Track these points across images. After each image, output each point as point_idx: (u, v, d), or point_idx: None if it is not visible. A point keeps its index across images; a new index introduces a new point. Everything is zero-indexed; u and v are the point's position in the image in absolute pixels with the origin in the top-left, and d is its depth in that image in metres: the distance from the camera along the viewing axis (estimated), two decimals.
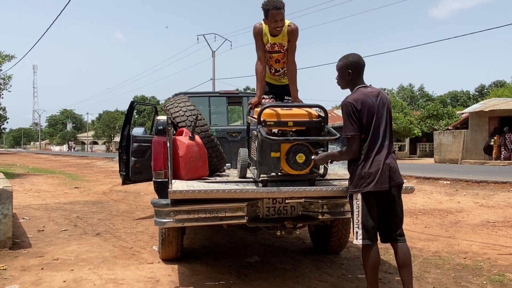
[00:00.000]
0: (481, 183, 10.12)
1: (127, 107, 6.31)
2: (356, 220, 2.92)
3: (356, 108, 2.86)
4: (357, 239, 2.91)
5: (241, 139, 5.37)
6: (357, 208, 2.91)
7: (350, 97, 2.94)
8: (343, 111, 2.92)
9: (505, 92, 33.83)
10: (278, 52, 3.95)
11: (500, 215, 6.94)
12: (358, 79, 3.02)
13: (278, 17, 3.70)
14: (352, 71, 2.99)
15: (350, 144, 2.90)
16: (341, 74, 3.06)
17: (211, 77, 33.52)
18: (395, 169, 2.94)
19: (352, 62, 3.01)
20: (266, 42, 3.91)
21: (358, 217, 2.90)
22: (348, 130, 2.88)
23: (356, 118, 2.86)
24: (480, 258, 4.47)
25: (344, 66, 3.02)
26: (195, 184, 3.32)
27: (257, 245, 5.02)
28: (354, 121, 2.86)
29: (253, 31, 3.91)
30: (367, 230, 2.88)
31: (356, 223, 2.92)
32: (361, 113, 2.87)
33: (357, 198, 2.91)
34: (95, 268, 4.09)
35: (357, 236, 2.91)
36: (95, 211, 7.58)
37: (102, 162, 28.20)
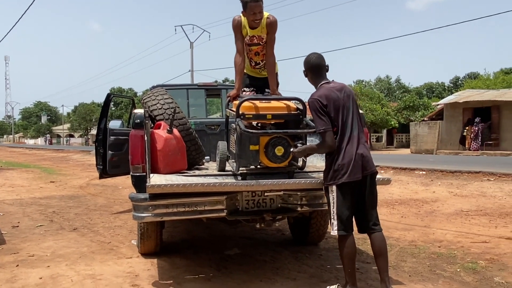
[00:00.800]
0: (455, 173, 10.37)
1: (104, 99, 6.19)
2: (332, 211, 2.99)
3: (322, 103, 2.95)
4: (333, 230, 2.99)
5: (220, 132, 5.34)
6: (332, 199, 2.98)
7: (314, 94, 3.04)
8: (311, 108, 3.00)
9: (478, 84, 34.63)
10: (257, 44, 3.93)
11: (473, 204, 7.15)
12: (318, 78, 3.14)
13: (257, 10, 3.68)
14: (306, 70, 3.17)
15: (324, 138, 2.96)
16: (306, 76, 3.23)
17: (190, 69, 33.21)
18: (368, 158, 3.01)
19: (304, 62, 3.19)
20: (245, 35, 3.89)
21: (333, 208, 2.97)
22: (320, 125, 2.95)
23: (324, 113, 2.94)
24: (454, 247, 4.60)
25: (304, 68, 3.20)
26: (173, 178, 3.29)
27: (237, 238, 5.03)
28: (323, 116, 2.94)
29: (232, 23, 3.88)
30: (342, 221, 2.95)
31: (332, 214, 2.99)
32: (328, 108, 2.96)
33: (332, 190, 2.98)
34: (72, 264, 4.03)
35: (333, 227, 2.99)
36: (71, 206, 7.45)
37: (78, 155, 27.69)
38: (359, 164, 2.95)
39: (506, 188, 8.41)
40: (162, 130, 3.56)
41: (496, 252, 4.35)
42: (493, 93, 22.68)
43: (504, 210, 6.50)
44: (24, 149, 45.12)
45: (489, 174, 9.73)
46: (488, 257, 4.17)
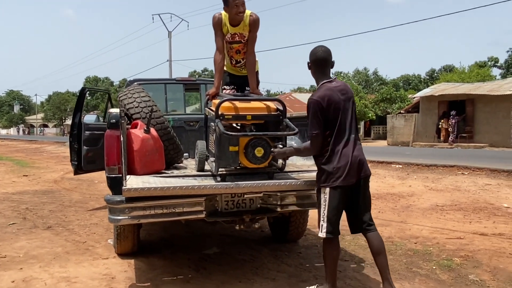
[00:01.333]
0: (431, 166, 10.57)
1: (78, 91, 6.01)
2: (322, 213, 2.96)
3: (322, 105, 2.89)
4: (321, 232, 2.96)
5: (199, 128, 5.27)
6: (324, 202, 2.94)
7: (315, 95, 2.96)
8: (309, 109, 2.93)
9: (453, 77, 35.34)
10: (238, 42, 3.86)
11: (448, 198, 7.30)
12: (321, 74, 3.05)
13: (239, 2, 3.60)
14: (310, 62, 3.05)
15: (314, 142, 2.93)
16: (309, 68, 3.12)
17: (168, 59, 32.73)
18: (363, 161, 3.00)
19: (310, 54, 3.06)
20: (226, 33, 3.80)
21: (324, 210, 2.94)
22: (314, 128, 2.91)
23: (321, 116, 2.89)
24: (430, 243, 4.68)
25: (309, 60, 3.08)
26: (151, 179, 3.22)
27: (216, 236, 5.00)
28: (319, 120, 2.89)
29: (212, 20, 3.78)
30: (331, 224, 2.93)
31: (322, 216, 2.96)
32: (327, 110, 2.90)
33: (325, 193, 2.94)
34: (46, 266, 3.92)
35: (322, 228, 2.96)
36: (45, 202, 7.26)
37: (52, 147, 27.06)
38: (354, 167, 2.92)
39: (480, 182, 8.63)
40: (139, 129, 3.47)
41: (470, 248, 4.45)
42: (468, 87, 23.19)
43: (478, 205, 6.66)
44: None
45: (463, 168, 9.96)
46: (463, 254, 4.26)
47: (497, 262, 4.02)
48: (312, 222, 5.42)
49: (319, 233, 2.99)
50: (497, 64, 52.24)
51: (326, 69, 3.06)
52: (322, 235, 2.96)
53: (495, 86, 21.76)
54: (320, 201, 2.99)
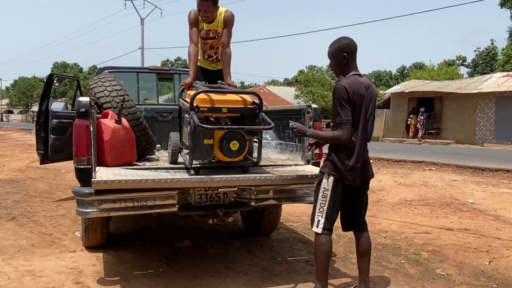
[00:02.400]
0: (400, 162, 10.82)
1: (46, 77, 5.78)
2: (320, 208, 2.87)
3: (348, 94, 2.75)
4: (317, 227, 2.88)
5: (172, 120, 5.17)
6: (325, 196, 2.85)
7: (344, 82, 2.81)
8: (336, 95, 2.77)
9: (423, 75, 36.20)
10: (213, 38, 3.99)
11: (416, 193, 7.48)
12: (352, 64, 2.90)
13: (202, 8, 3.72)
14: (348, 54, 2.87)
15: (346, 129, 2.76)
16: (335, 60, 2.93)
17: (140, 46, 32.05)
18: (369, 164, 3.00)
19: (346, 44, 2.88)
20: (201, 28, 3.89)
21: (324, 205, 2.86)
22: (345, 115, 2.75)
23: (348, 104, 2.75)
24: (399, 237, 4.78)
25: (338, 49, 2.89)
26: (122, 171, 3.12)
27: (188, 228, 4.93)
28: (346, 107, 2.75)
29: (188, 16, 3.86)
30: (329, 221, 2.87)
31: (320, 211, 2.87)
32: (352, 102, 2.77)
33: (327, 187, 2.84)
34: (10, 259, 3.76)
35: (318, 224, 2.88)
36: (9, 192, 6.98)
37: (18, 134, 26.11)
38: (365, 169, 2.91)
39: (447, 178, 8.88)
40: (109, 119, 3.35)
41: (437, 243, 4.56)
42: (437, 84, 23.82)
43: (444, 200, 6.85)
44: None
45: (431, 164, 10.23)
46: (430, 248, 4.36)
47: (463, 256, 4.14)
48: (285, 216, 5.44)
49: (314, 228, 2.90)
50: (465, 63, 53.94)
51: (355, 58, 2.93)
52: (318, 231, 2.87)
53: (462, 84, 22.45)
54: (319, 193, 2.88)
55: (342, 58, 2.88)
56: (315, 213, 2.90)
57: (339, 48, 2.88)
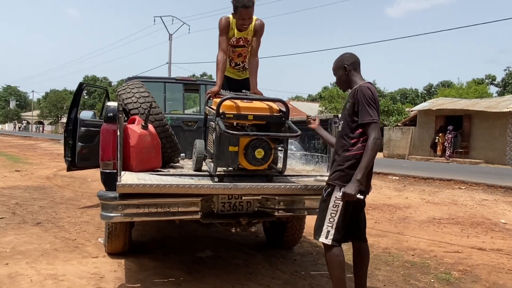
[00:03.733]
0: (428, 179, 10.52)
1: (76, 88, 5.91)
2: (331, 218, 2.77)
3: (374, 95, 2.71)
4: (326, 238, 2.77)
5: (197, 129, 5.18)
6: (336, 206, 2.75)
7: (366, 84, 2.76)
8: (362, 95, 2.69)
9: (451, 93, 35.47)
10: (242, 46, 3.95)
11: (445, 212, 7.22)
12: (357, 75, 2.87)
13: (246, 16, 3.68)
14: (348, 65, 2.86)
15: (376, 130, 2.65)
16: (338, 73, 2.92)
17: (168, 61, 32.66)
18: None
19: (346, 57, 2.90)
20: (232, 36, 3.86)
21: (334, 216, 2.75)
22: (372, 114, 2.65)
23: (375, 104, 2.69)
24: (428, 256, 4.59)
25: (339, 62, 2.91)
26: (146, 176, 3.11)
27: (210, 239, 4.88)
28: (374, 106, 2.68)
29: (219, 23, 3.82)
30: (339, 232, 2.77)
31: (331, 222, 2.77)
32: (376, 103, 2.71)
33: (338, 197, 2.73)
34: (33, 262, 3.79)
35: (327, 235, 2.77)
36: (36, 198, 7.11)
37: (47, 143, 26.83)
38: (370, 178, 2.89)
39: (477, 197, 8.57)
40: (136, 125, 3.37)
41: (468, 263, 4.36)
42: (466, 102, 23.25)
43: (475, 219, 6.59)
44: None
45: (460, 183, 9.91)
46: (461, 268, 4.17)
47: (496, 277, 3.93)
48: (308, 230, 5.32)
49: (322, 239, 2.78)
50: (494, 82, 52.58)
51: (359, 70, 2.91)
52: (327, 242, 2.76)
53: (492, 103, 21.83)
54: (330, 203, 2.77)
55: (343, 70, 2.88)
56: (324, 223, 2.78)
57: (340, 61, 2.91)
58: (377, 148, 2.68)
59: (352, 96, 2.77)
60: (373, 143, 2.65)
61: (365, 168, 2.68)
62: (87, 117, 5.46)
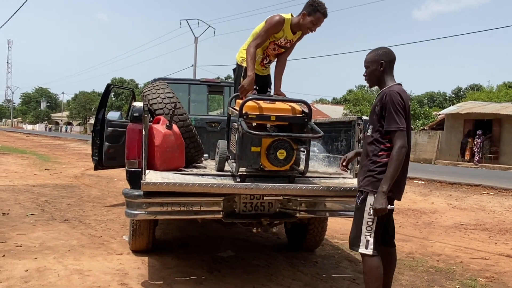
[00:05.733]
0: (455, 184, 10.28)
1: (104, 89, 6.06)
2: (368, 227, 2.62)
3: (403, 101, 2.58)
4: (367, 249, 2.61)
5: (221, 130, 5.23)
6: (372, 214, 2.61)
7: (396, 88, 2.63)
8: (390, 101, 2.57)
9: (481, 96, 34.54)
10: (285, 47, 3.85)
11: (472, 218, 7.04)
12: (389, 74, 2.74)
13: (320, 23, 3.58)
14: (385, 62, 2.71)
15: (402, 139, 2.53)
16: (372, 66, 2.76)
17: (193, 64, 33.04)
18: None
19: (385, 52, 2.74)
20: (281, 37, 3.72)
21: (372, 224, 2.61)
22: (399, 122, 2.53)
23: (403, 112, 2.57)
24: (453, 262, 4.49)
25: (376, 55, 2.75)
26: (170, 175, 3.17)
27: (231, 239, 4.92)
28: (402, 114, 2.56)
29: (271, 20, 3.63)
30: (377, 240, 2.64)
31: (368, 230, 2.62)
32: (405, 109, 2.59)
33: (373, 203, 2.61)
34: (61, 257, 3.91)
35: (367, 245, 2.61)
36: (64, 196, 7.32)
37: (75, 144, 27.55)
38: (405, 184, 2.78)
39: (506, 203, 8.31)
40: (161, 125, 3.43)
41: (496, 270, 4.24)
42: (495, 106, 22.61)
43: (504, 226, 6.40)
44: (21, 134, 44.92)
45: (489, 188, 9.64)
46: (488, 275, 4.06)
47: None
48: (330, 232, 5.29)
49: (362, 250, 2.62)
50: None
51: (393, 68, 2.77)
52: (369, 252, 2.60)
53: None
54: (364, 211, 2.63)
55: (379, 66, 2.73)
56: (362, 232, 2.63)
57: (378, 55, 2.75)
58: (402, 157, 2.56)
59: (380, 99, 2.65)
60: (397, 152, 2.53)
61: (391, 179, 2.54)
62: (114, 118, 5.59)
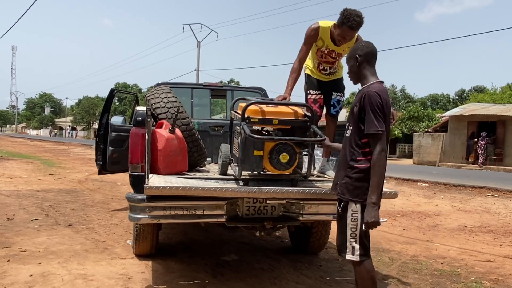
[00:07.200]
0: (459, 187, 10.23)
1: (107, 94, 6.09)
2: (353, 234, 2.55)
3: (382, 102, 2.46)
4: (353, 255, 2.56)
5: (224, 134, 5.23)
6: (355, 220, 2.54)
7: (376, 88, 2.50)
8: (369, 102, 2.45)
9: (485, 98, 34.43)
10: (333, 58, 3.84)
11: (477, 220, 7.01)
12: (370, 70, 2.61)
13: (348, 36, 3.53)
14: (361, 57, 2.59)
15: (382, 142, 2.43)
16: (350, 63, 2.68)
17: (196, 68, 33.16)
18: None
19: (362, 46, 2.63)
20: (321, 46, 3.75)
21: (355, 230, 2.54)
22: (381, 125, 2.41)
23: (382, 113, 2.45)
24: (458, 264, 4.47)
25: (351, 52, 2.66)
26: (173, 179, 3.18)
27: (235, 243, 4.91)
28: (381, 116, 2.44)
29: (307, 31, 3.69)
30: (364, 245, 2.57)
31: (353, 237, 2.55)
32: (384, 111, 2.47)
33: (355, 210, 2.54)
34: (65, 262, 3.92)
35: (353, 251, 2.56)
36: (68, 201, 7.34)
37: (79, 148, 27.64)
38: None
39: (511, 205, 8.27)
40: (164, 129, 3.45)
41: (501, 272, 4.22)
42: (499, 108, 22.52)
43: (509, 228, 6.37)
44: (25, 139, 45.13)
45: (493, 190, 9.59)
46: (493, 278, 4.04)
47: None
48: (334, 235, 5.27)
49: (349, 256, 2.56)
50: None
51: (374, 64, 2.64)
52: (356, 258, 2.55)
53: None
54: (347, 218, 2.56)
55: (355, 61, 2.62)
56: (347, 239, 2.57)
57: (353, 50, 2.66)
58: (384, 162, 2.49)
59: (359, 100, 2.53)
60: (379, 158, 2.44)
61: (378, 187, 2.46)
62: (117, 122, 5.61)
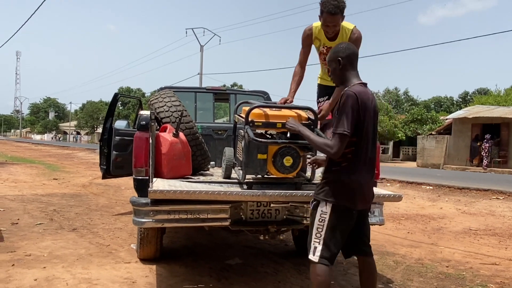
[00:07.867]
0: (463, 189, 10.19)
1: (111, 98, 6.12)
2: (318, 234, 2.51)
3: (358, 104, 2.42)
4: (313, 255, 2.51)
5: (227, 137, 5.24)
6: (322, 221, 2.49)
7: (354, 89, 2.47)
8: (345, 103, 2.42)
9: (488, 100, 34.31)
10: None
11: (482, 223, 6.97)
12: (351, 72, 2.58)
13: (330, 23, 3.38)
14: (343, 59, 2.56)
15: (341, 143, 2.40)
16: (331, 65, 2.65)
17: (199, 72, 33.25)
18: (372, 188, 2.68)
19: (343, 48, 2.60)
20: (319, 46, 3.67)
21: (321, 231, 2.50)
22: (346, 126, 2.38)
23: (355, 115, 2.41)
24: (463, 267, 4.44)
25: (332, 55, 2.62)
26: (177, 183, 3.19)
27: (239, 246, 4.90)
28: (353, 118, 2.40)
29: (302, 34, 3.68)
30: (328, 249, 2.49)
31: (318, 237, 2.51)
32: (359, 113, 2.43)
33: (325, 210, 2.49)
34: (69, 266, 3.92)
35: (314, 251, 2.51)
36: (73, 205, 7.36)
37: (83, 153, 27.73)
38: (370, 193, 2.61)
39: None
40: (168, 133, 3.46)
41: (506, 275, 4.19)
42: (503, 110, 22.43)
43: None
44: (30, 144, 45.34)
45: (498, 193, 9.54)
46: (499, 281, 4.01)
47: None
48: None
49: (310, 256, 2.53)
50: None
51: (355, 66, 2.61)
52: (314, 259, 2.50)
53: None
54: (315, 218, 2.53)
55: (337, 64, 2.59)
56: (311, 239, 2.54)
57: (334, 52, 2.62)
58: (323, 151, 2.49)
59: (340, 101, 2.51)
60: (326, 144, 2.45)
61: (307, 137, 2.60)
62: (121, 127, 5.64)
